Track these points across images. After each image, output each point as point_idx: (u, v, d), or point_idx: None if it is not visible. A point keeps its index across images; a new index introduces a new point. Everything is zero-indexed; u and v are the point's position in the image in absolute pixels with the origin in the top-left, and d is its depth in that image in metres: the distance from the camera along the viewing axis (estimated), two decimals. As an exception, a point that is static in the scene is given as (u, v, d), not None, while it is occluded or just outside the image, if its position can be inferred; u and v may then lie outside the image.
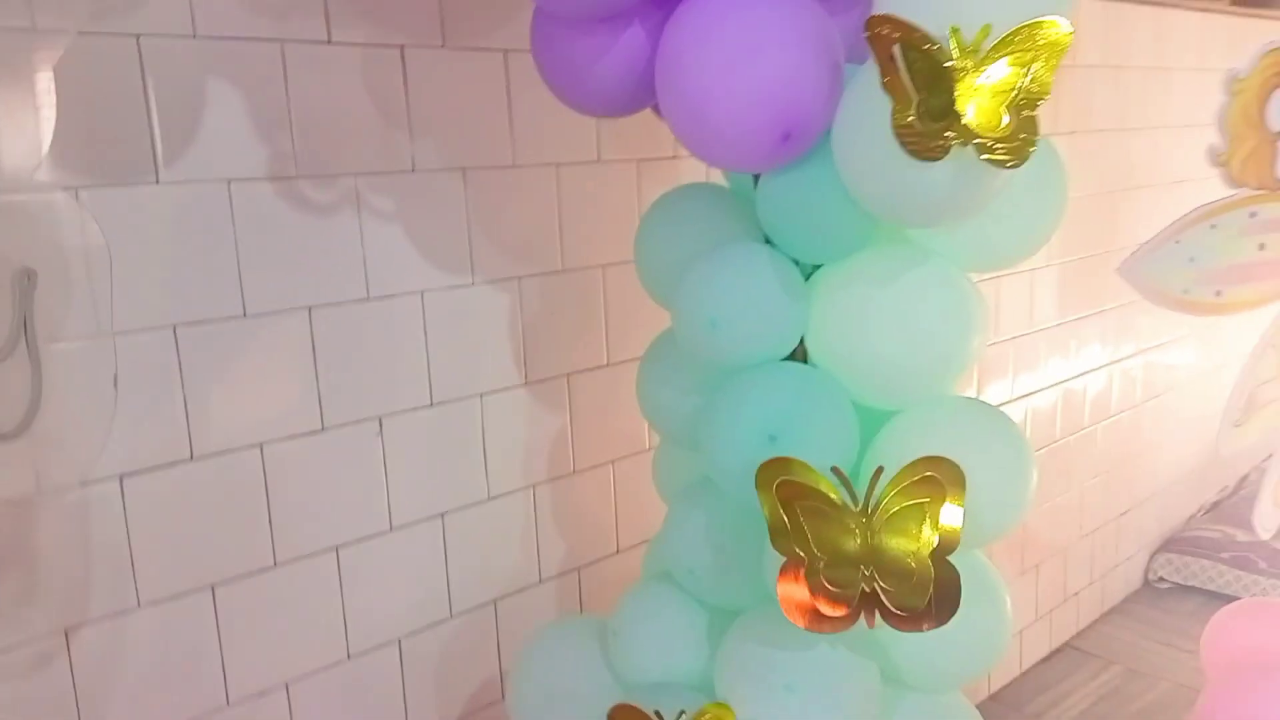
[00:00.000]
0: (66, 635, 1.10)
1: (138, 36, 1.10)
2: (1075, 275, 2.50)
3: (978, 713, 1.19)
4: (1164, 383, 2.96)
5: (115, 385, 0.86)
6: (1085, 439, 2.69)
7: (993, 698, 2.50)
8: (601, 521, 1.61)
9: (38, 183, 0.81)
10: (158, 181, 1.12)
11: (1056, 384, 2.54)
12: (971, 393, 2.23)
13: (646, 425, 1.63)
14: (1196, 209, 1.29)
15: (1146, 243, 1.32)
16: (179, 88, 1.13)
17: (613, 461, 1.61)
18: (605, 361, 1.58)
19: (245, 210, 1.19)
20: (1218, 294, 1.32)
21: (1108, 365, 2.71)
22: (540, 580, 1.54)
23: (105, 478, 1.10)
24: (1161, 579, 3.03)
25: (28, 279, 0.77)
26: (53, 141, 0.98)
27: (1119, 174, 2.60)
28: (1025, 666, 2.62)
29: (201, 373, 1.17)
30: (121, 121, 1.09)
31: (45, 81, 0.97)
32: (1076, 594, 2.77)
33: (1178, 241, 1.29)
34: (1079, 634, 2.80)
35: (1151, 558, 3.06)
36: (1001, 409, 1.27)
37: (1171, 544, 3.06)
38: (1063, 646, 2.74)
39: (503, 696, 1.49)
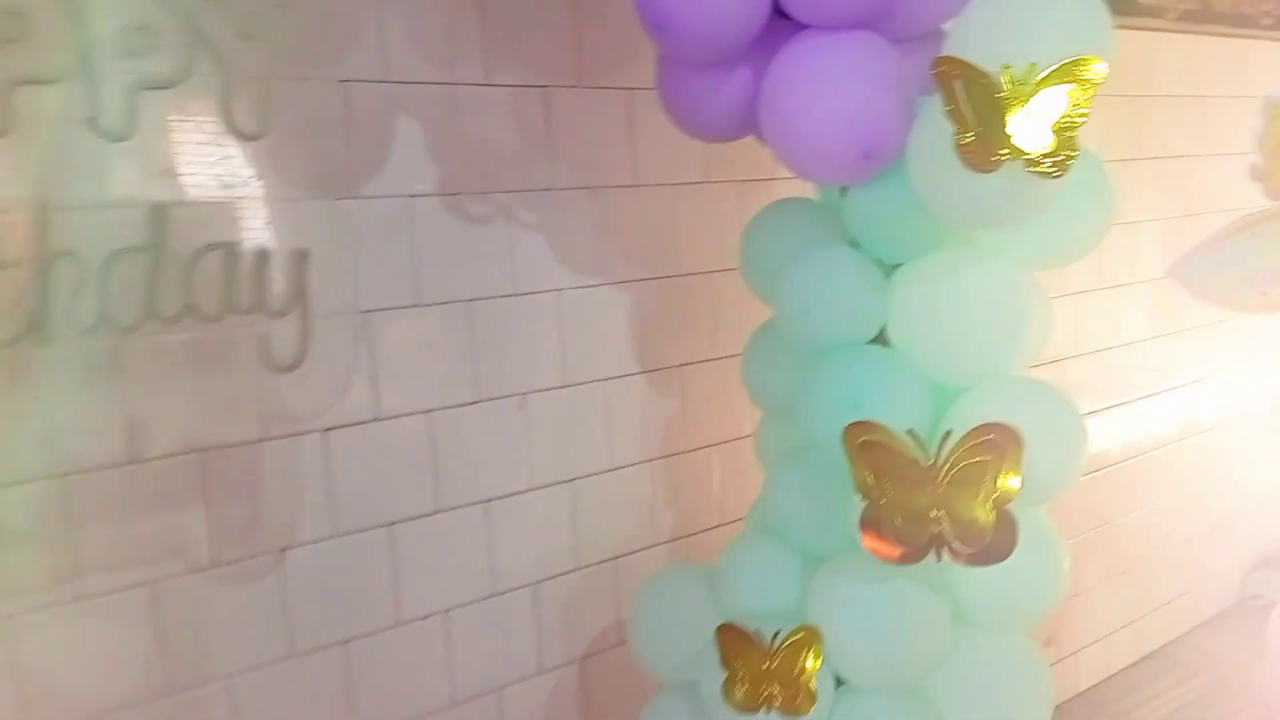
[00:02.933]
0: (281, 554, 1.37)
1: (345, 81, 1.39)
2: (1162, 295, 2.60)
3: (1039, 653, 1.36)
4: (1252, 403, 3.01)
5: (356, 340, 1.13)
6: (1173, 453, 2.77)
7: (1080, 696, 2.59)
8: (708, 496, 1.83)
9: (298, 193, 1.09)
10: (357, 197, 1.41)
11: (1143, 398, 2.65)
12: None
13: (747, 413, 1.84)
14: (1238, 219, 1.44)
15: (1194, 248, 1.48)
16: (373, 121, 1.42)
17: (718, 444, 1.83)
18: (712, 356, 1.81)
19: (421, 219, 1.47)
20: (1263, 294, 1.47)
21: (1194, 383, 2.80)
22: (655, 544, 1.76)
23: (313, 430, 1.38)
24: (1258, 596, 3.06)
25: (303, 257, 1.05)
26: (287, 163, 1.28)
27: (1203, 197, 2.70)
28: (1113, 670, 2.71)
29: (386, 348, 1.44)
30: (332, 148, 1.38)
31: (288, 116, 1.25)
32: (1167, 604, 2.84)
33: (1223, 248, 1.44)
34: (1170, 643, 2.86)
35: (1247, 575, 3.09)
36: (1086, 417, 1.42)
37: (1269, 562, 3.09)
38: (1152, 654, 2.81)
39: (623, 642, 1.71)
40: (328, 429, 1.40)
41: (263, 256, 1.04)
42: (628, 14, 1.25)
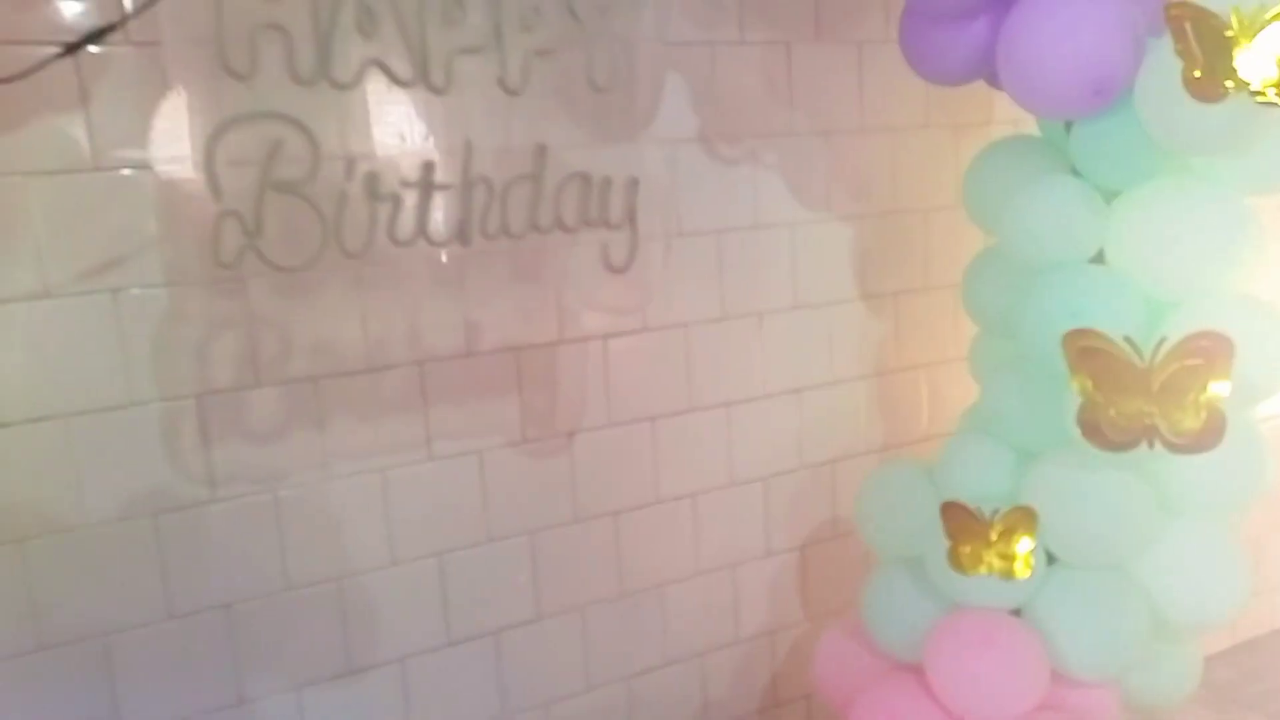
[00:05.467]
0: (570, 437, 1.67)
1: (627, 42, 1.63)
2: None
3: (1239, 543, 1.50)
4: None
5: (668, 248, 1.42)
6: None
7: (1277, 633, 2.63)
8: (915, 411, 2.03)
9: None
10: (633, 140, 1.66)
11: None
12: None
13: (952, 338, 2.02)
14: None
15: None
16: (650, 75, 1.66)
17: (925, 365, 2.03)
18: (923, 286, 2.00)
19: (682, 161, 1.72)
20: None
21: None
22: (868, 452, 1.98)
23: (595, 335, 1.66)
24: None
25: (635, 184, 1.33)
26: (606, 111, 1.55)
27: None
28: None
29: (658, 270, 1.69)
30: (617, 98, 1.63)
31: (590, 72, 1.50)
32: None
33: None
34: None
35: None
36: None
37: None
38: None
39: (838, 535, 1.94)
40: (607, 336, 1.68)
41: (606, 182, 1.32)
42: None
